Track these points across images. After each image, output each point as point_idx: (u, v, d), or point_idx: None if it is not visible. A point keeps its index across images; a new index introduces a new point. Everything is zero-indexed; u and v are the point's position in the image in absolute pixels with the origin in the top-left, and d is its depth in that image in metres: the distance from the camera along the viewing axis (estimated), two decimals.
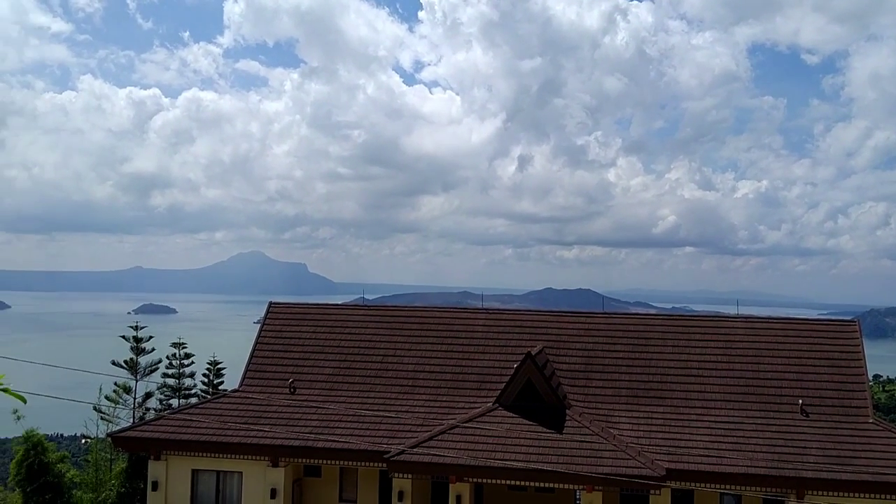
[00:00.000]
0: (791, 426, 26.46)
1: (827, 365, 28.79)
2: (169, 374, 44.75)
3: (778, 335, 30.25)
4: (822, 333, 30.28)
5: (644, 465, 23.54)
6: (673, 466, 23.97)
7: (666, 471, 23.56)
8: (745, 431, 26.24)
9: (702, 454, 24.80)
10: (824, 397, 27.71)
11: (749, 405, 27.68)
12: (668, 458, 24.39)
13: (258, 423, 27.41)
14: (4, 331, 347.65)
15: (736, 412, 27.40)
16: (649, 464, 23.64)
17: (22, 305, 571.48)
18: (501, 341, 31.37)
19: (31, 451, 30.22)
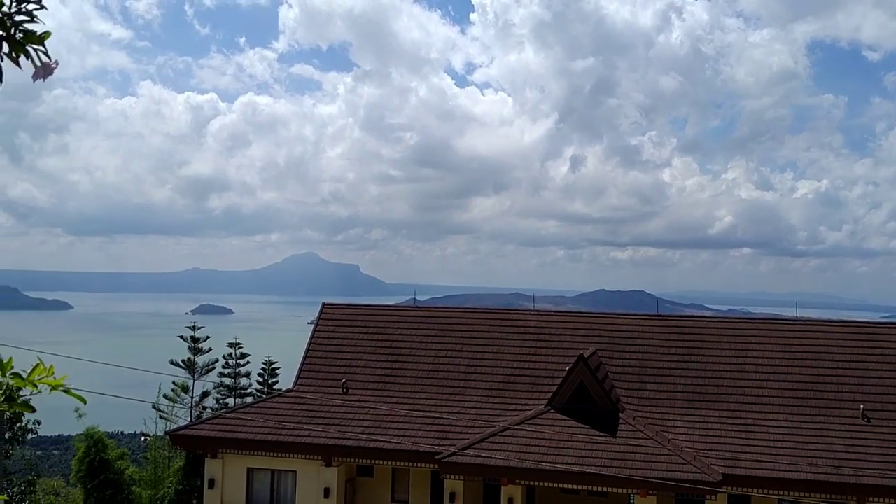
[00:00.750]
0: (851, 431, 25.77)
1: (889, 369, 27.99)
2: (225, 374, 45.54)
3: (838, 338, 29.50)
4: (884, 336, 29.44)
5: (699, 469, 23.16)
6: (729, 471, 23.54)
7: (722, 476, 23.14)
8: (803, 436, 25.64)
9: (759, 459, 24.30)
10: (886, 402, 26.93)
11: (808, 410, 27.04)
12: (724, 463, 23.96)
13: (312, 423, 27.70)
14: (68, 330, 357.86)
15: (794, 417, 26.79)
16: (705, 468, 23.25)
17: (84, 306, 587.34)
18: (553, 343, 31.18)
19: (93, 448, 31.00)
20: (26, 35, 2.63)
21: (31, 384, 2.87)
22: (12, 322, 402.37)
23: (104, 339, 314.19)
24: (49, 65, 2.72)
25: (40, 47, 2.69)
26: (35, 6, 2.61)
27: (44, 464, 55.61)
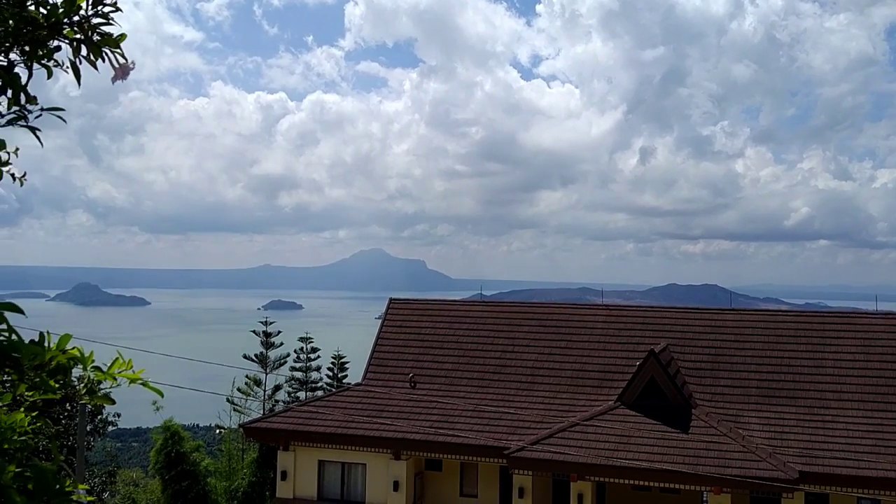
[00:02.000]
0: None
1: None
2: (296, 368, 46.38)
3: None
4: None
5: (776, 467, 22.59)
6: (807, 469, 22.89)
7: (799, 473, 22.52)
8: (884, 433, 24.76)
9: (838, 457, 23.56)
10: None
11: (889, 406, 26.09)
12: (801, 461, 23.32)
13: (381, 417, 27.98)
14: (145, 326, 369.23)
15: (875, 413, 25.89)
16: (781, 466, 22.67)
17: (160, 302, 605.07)
18: (623, 338, 30.80)
19: (170, 441, 31.89)
20: (103, 38, 2.70)
21: (111, 377, 2.95)
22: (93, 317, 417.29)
23: (180, 335, 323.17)
24: (126, 66, 2.79)
25: (117, 49, 2.76)
26: (111, 8, 2.67)
27: (123, 455, 57.47)
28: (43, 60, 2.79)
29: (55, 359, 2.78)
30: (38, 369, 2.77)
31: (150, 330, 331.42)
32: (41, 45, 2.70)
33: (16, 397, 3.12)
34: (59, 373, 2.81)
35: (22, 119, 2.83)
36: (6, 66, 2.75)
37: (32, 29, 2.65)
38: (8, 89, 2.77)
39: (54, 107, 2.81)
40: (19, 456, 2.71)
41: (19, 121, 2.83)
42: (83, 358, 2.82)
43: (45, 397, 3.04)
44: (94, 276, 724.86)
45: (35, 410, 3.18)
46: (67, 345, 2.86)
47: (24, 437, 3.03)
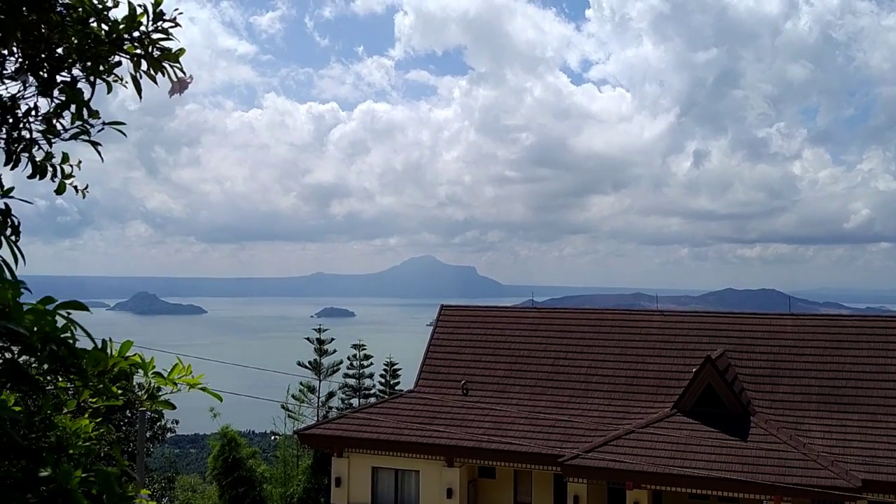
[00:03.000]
0: None
1: None
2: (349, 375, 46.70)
3: None
4: None
5: (837, 475, 22.00)
6: (870, 477, 22.24)
7: (862, 482, 21.89)
8: None
9: None
10: None
11: None
12: (864, 469, 22.67)
13: (433, 424, 28.00)
14: (202, 333, 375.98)
15: None
16: (843, 474, 22.07)
17: (216, 310, 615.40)
18: (678, 344, 30.34)
19: (227, 447, 32.39)
20: (163, 52, 2.77)
21: (171, 382, 3.01)
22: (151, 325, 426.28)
23: (235, 342, 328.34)
24: (184, 80, 2.85)
25: (176, 64, 2.82)
26: (171, 24, 2.74)
27: (181, 461, 58.47)
28: (104, 75, 2.87)
29: (117, 365, 2.85)
30: (101, 375, 2.83)
31: (207, 337, 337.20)
32: (103, 60, 2.78)
33: (80, 403, 3.21)
34: (122, 379, 2.87)
35: (85, 133, 2.92)
36: (69, 82, 2.83)
37: (94, 45, 2.73)
38: (71, 104, 2.85)
39: (115, 121, 2.89)
40: (84, 461, 2.78)
41: (82, 135, 2.92)
42: (144, 364, 2.88)
43: (108, 403, 3.12)
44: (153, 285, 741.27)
45: (98, 417, 3.26)
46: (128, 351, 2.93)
47: (89, 443, 3.10)
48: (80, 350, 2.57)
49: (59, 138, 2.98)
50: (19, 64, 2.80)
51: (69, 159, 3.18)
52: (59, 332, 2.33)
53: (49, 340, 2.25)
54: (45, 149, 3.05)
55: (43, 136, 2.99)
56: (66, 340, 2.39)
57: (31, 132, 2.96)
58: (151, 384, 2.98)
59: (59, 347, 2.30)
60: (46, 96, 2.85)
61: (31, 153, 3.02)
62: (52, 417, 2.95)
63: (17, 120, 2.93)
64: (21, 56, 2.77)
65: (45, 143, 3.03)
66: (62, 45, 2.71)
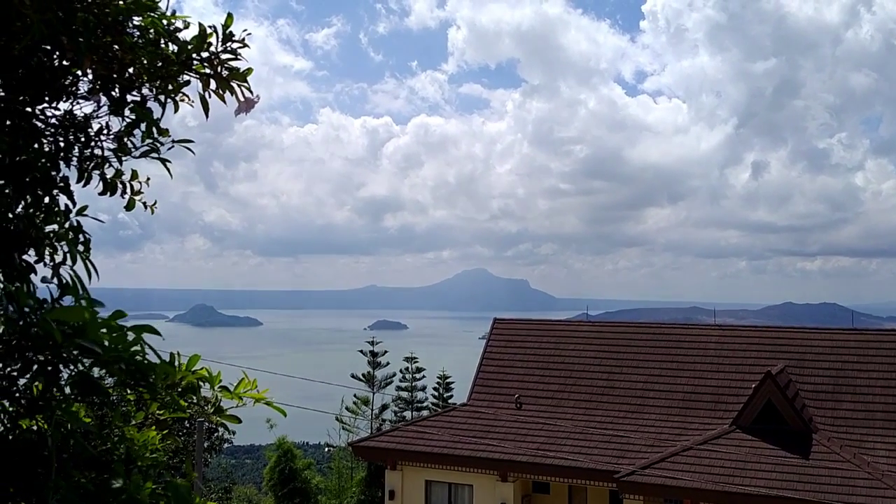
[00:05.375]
0: None
1: None
2: (402, 387, 46.86)
3: None
4: None
5: None
6: None
7: None
8: None
9: None
10: None
11: None
12: None
13: (487, 438, 27.88)
14: (259, 345, 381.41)
15: None
16: None
17: (272, 322, 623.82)
18: (737, 360, 29.73)
19: (283, 458, 32.74)
20: (231, 72, 2.83)
21: (237, 397, 3.05)
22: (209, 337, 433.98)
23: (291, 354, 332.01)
24: (251, 99, 2.90)
25: (244, 83, 2.88)
26: (239, 45, 2.79)
27: (237, 472, 59.28)
28: (173, 95, 2.94)
29: (185, 378, 2.90)
30: (170, 388, 2.89)
31: (263, 349, 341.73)
32: (172, 80, 2.85)
33: (147, 415, 3.28)
34: (189, 392, 2.92)
35: (154, 151, 2.99)
36: (140, 101, 2.91)
37: (165, 65, 2.80)
38: (141, 123, 2.93)
39: (184, 139, 2.95)
40: (152, 473, 2.83)
41: (152, 153, 2.99)
42: (211, 378, 2.93)
43: (175, 415, 3.18)
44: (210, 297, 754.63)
45: (164, 429, 3.32)
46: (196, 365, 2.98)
47: (156, 455, 3.16)
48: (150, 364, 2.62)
49: (129, 156, 3.06)
50: (92, 84, 2.88)
51: (138, 176, 3.26)
52: (129, 345, 2.39)
53: (121, 358, 2.30)
54: (116, 166, 3.13)
55: (114, 154, 3.07)
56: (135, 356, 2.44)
57: (103, 150, 3.04)
58: (218, 398, 3.02)
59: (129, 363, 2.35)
60: (118, 115, 2.93)
61: (102, 171, 3.11)
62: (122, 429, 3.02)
63: (88, 138, 3.02)
64: (94, 76, 2.86)
65: (116, 161, 3.11)
66: (133, 66, 2.78)
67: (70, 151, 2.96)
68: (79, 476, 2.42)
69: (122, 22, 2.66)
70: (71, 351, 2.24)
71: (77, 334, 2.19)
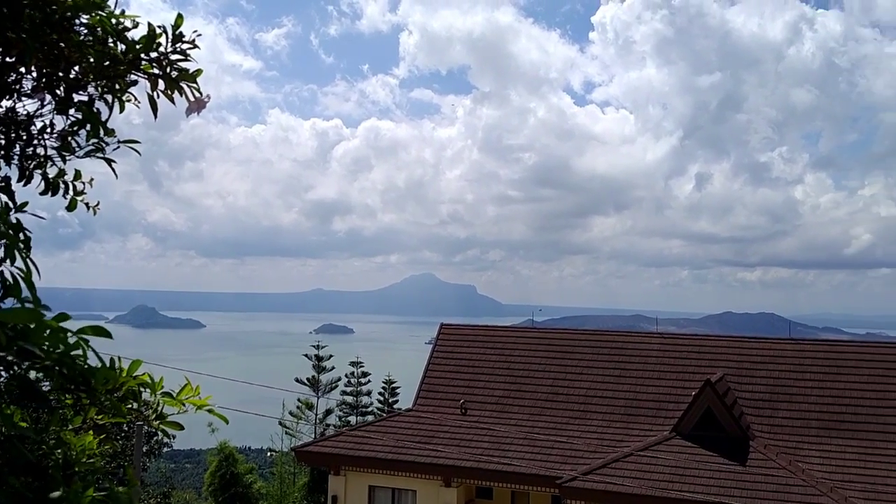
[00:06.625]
0: None
1: None
2: (347, 392, 46.59)
3: None
4: None
5: (837, 502, 21.87)
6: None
7: None
8: None
9: None
10: None
11: None
12: (863, 496, 22.55)
13: (431, 443, 27.89)
14: (201, 348, 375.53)
15: None
16: (843, 501, 21.94)
17: (216, 325, 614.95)
18: (678, 367, 30.28)
19: (224, 463, 32.28)
20: (180, 73, 2.80)
21: (179, 403, 3.00)
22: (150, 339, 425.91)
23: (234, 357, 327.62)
24: (201, 100, 2.88)
25: (193, 84, 2.85)
26: (189, 45, 2.76)
27: (177, 476, 58.20)
28: (120, 94, 2.89)
29: (126, 383, 2.85)
30: (110, 394, 2.84)
31: (206, 352, 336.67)
32: (119, 79, 2.81)
33: (85, 420, 3.21)
34: (130, 397, 2.87)
35: (100, 151, 2.94)
36: (86, 101, 2.85)
37: (112, 64, 2.75)
38: (87, 123, 2.87)
39: (131, 139, 2.91)
40: (91, 479, 2.78)
41: (97, 153, 2.94)
42: (153, 383, 2.89)
43: (114, 420, 3.12)
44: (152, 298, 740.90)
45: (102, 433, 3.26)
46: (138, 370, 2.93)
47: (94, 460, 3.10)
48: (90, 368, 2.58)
49: (73, 155, 3.00)
50: (36, 82, 2.82)
51: (81, 176, 3.20)
52: (71, 348, 2.34)
53: (62, 363, 2.26)
54: (59, 165, 3.07)
55: (57, 153, 3.01)
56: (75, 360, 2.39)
57: (46, 149, 2.98)
58: (159, 403, 2.97)
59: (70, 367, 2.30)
60: (63, 114, 2.87)
61: (44, 170, 3.04)
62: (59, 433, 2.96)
63: (31, 137, 2.95)
64: (38, 74, 2.80)
65: (59, 160, 3.04)
66: (80, 64, 2.73)
67: (11, 149, 2.90)
68: (15, 482, 2.37)
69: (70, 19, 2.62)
70: (10, 354, 2.19)
71: (20, 337, 2.14)
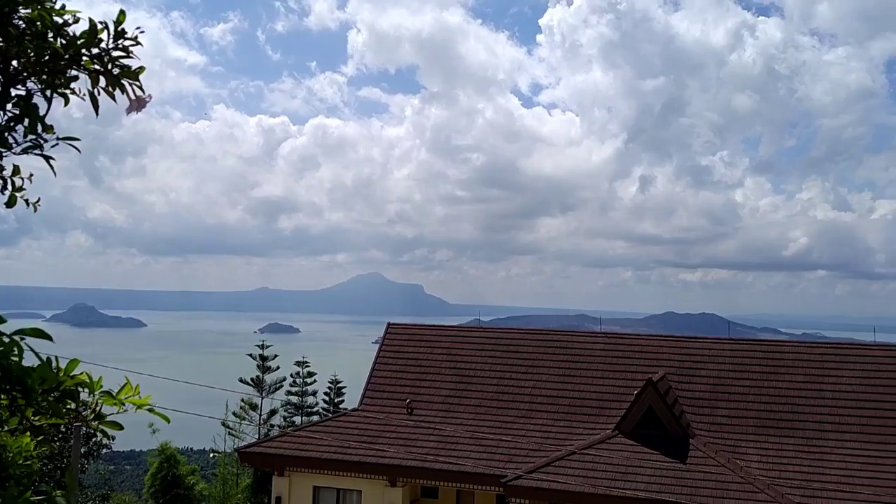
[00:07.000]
0: None
1: None
2: (293, 392, 46.18)
3: None
4: None
5: (773, 498, 22.45)
6: (805, 501, 22.76)
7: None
8: (883, 466, 24.64)
9: (836, 489, 23.43)
10: None
11: (888, 438, 26.00)
12: (799, 493, 23.20)
13: (377, 443, 27.83)
14: (142, 347, 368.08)
15: (874, 445, 25.80)
16: (779, 497, 22.54)
17: (157, 324, 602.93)
18: (621, 366, 30.74)
19: (165, 464, 31.73)
20: (122, 70, 2.76)
21: (119, 402, 2.96)
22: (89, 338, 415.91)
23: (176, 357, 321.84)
24: (143, 98, 2.84)
25: (135, 81, 2.81)
26: (132, 42, 2.73)
27: (116, 478, 57.01)
28: (60, 90, 2.84)
29: (64, 383, 2.80)
30: (47, 394, 2.79)
31: (147, 352, 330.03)
32: (60, 75, 2.76)
33: (21, 420, 3.15)
34: (68, 397, 2.82)
35: (38, 147, 2.88)
36: (24, 96, 2.80)
37: (52, 59, 2.70)
38: (25, 118, 2.82)
39: (70, 136, 2.86)
40: (27, 482, 2.73)
41: (35, 149, 2.88)
42: (91, 383, 2.84)
43: (51, 421, 3.06)
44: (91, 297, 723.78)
45: (40, 435, 3.19)
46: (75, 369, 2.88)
47: (30, 462, 3.04)
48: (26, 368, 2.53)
49: (10, 151, 2.94)
50: None
51: (20, 172, 3.13)
52: (8, 348, 2.30)
53: None
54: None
55: None
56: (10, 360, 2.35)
57: None
58: (98, 404, 2.93)
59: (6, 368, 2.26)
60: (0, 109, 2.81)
61: None
62: None
63: None
64: None
65: None
66: (19, 59, 2.68)
67: None
68: None
69: (8, 13, 2.56)
70: None
71: None
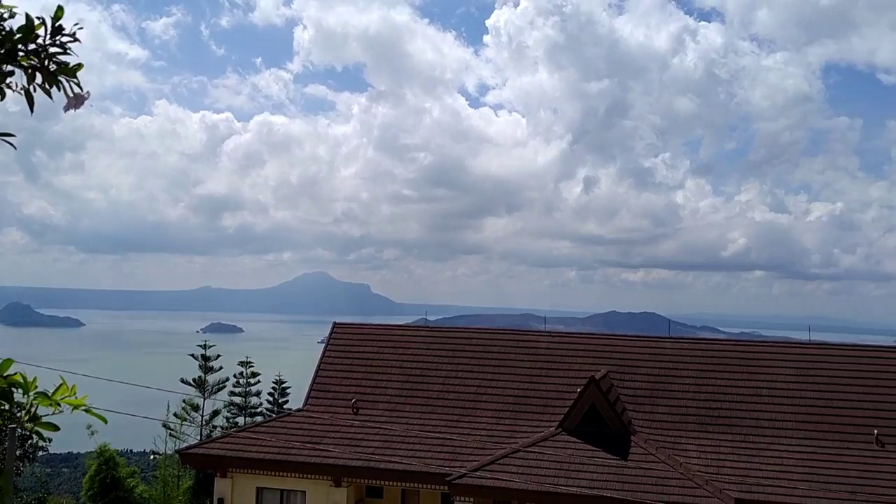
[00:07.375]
0: (866, 457, 25.54)
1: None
2: (236, 393, 45.62)
3: (852, 362, 29.31)
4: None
5: (712, 494, 22.97)
6: (742, 496, 23.34)
7: (735, 501, 22.94)
8: (817, 462, 25.42)
9: (772, 484, 24.09)
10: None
11: (822, 434, 26.83)
12: (736, 488, 23.77)
13: (322, 443, 27.66)
14: (80, 347, 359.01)
15: (808, 441, 26.58)
16: (717, 493, 23.06)
17: (96, 323, 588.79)
18: (565, 365, 31.10)
19: (104, 466, 31.06)
20: (59, 67, 2.72)
21: (55, 403, 2.92)
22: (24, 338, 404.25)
23: (115, 357, 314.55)
24: (81, 96, 2.80)
25: (73, 79, 2.77)
26: (69, 39, 2.69)
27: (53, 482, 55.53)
28: None
29: None
30: None
31: (85, 352, 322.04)
32: None
33: None
34: (1, 398, 2.78)
35: None
36: None
37: None
38: None
39: (5, 133, 2.80)
40: None
41: None
42: (26, 383, 2.80)
43: None
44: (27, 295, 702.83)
45: None
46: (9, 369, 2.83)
47: None
48: None
49: None
50: None
51: None
52: None
53: None
54: None
55: None
56: None
57: None
58: (33, 405, 2.88)
59: None
60: None
61: None
62: None
63: None
64: None
65: None
66: None
67: None
68: None
69: None
70: None
71: None
